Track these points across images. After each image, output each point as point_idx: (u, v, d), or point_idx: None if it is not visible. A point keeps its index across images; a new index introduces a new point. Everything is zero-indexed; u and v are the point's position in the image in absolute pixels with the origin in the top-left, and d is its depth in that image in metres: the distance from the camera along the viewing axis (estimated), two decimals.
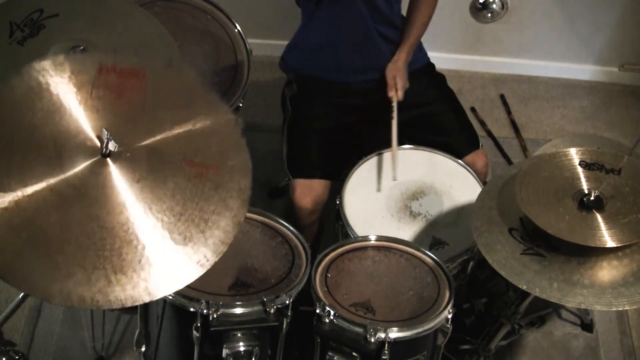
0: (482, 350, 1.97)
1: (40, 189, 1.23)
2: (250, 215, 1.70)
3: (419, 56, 2.12)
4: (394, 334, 1.48)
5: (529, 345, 2.26)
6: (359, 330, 1.49)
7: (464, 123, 2.13)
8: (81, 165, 1.27)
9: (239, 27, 2.02)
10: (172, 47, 1.74)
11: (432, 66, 2.19)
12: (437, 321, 1.53)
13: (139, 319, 1.62)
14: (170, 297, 1.48)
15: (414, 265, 1.67)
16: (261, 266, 1.61)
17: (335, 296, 1.58)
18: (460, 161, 2.00)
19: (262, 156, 2.62)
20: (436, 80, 2.17)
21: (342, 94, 2.08)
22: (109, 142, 1.28)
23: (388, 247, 1.70)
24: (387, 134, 1.95)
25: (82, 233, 1.22)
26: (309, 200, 1.98)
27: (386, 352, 1.47)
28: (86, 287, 1.19)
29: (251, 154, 1.25)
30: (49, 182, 1.24)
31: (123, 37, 1.69)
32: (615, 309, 1.46)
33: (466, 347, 2.03)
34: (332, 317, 1.51)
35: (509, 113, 2.95)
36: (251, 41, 2.02)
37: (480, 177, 1.98)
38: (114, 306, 1.20)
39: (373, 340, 1.47)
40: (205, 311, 1.45)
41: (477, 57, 3.06)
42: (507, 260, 1.49)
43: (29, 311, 2.24)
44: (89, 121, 1.32)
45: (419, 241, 1.82)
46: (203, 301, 1.46)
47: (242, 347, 1.50)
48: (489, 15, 2.87)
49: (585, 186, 1.53)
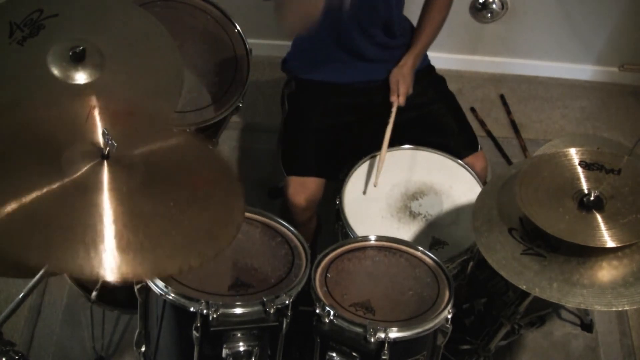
0: (481, 351, 1.97)
1: (39, 187, 1.23)
2: (250, 215, 1.70)
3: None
4: (394, 334, 1.48)
5: (528, 345, 2.26)
6: (359, 330, 1.49)
7: (463, 125, 2.13)
8: (80, 166, 1.28)
9: (238, 27, 2.02)
10: (171, 47, 1.74)
11: (432, 68, 2.20)
12: (436, 321, 1.53)
13: (138, 318, 1.62)
14: (170, 297, 1.48)
15: (413, 265, 1.67)
16: (261, 266, 1.61)
17: (335, 296, 1.58)
18: (460, 161, 2.00)
19: (261, 156, 2.62)
20: (436, 82, 2.17)
21: (341, 94, 2.08)
22: (108, 143, 1.28)
23: (388, 247, 1.70)
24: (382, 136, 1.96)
25: (83, 216, 1.23)
26: (303, 197, 1.98)
27: (386, 352, 1.47)
28: (86, 259, 1.18)
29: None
30: (47, 181, 1.24)
31: (122, 37, 1.69)
32: (615, 309, 1.46)
33: (466, 347, 2.03)
34: (331, 317, 1.51)
35: (508, 113, 2.95)
36: (251, 41, 2.02)
37: (480, 179, 1.98)
38: (113, 278, 1.19)
39: (373, 340, 1.47)
40: (205, 311, 1.45)
41: (476, 57, 3.06)
42: (507, 260, 1.49)
43: (29, 311, 2.24)
44: (89, 129, 1.34)
45: (418, 241, 1.82)
46: (203, 301, 1.46)
47: (242, 347, 1.49)
48: (489, 15, 2.87)
49: (585, 186, 1.53)
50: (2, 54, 1.59)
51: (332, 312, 1.50)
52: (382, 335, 1.47)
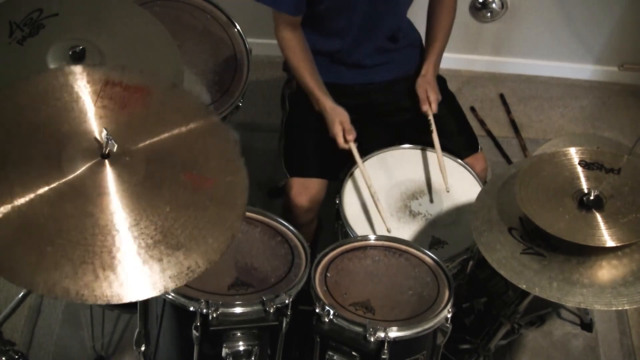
0: (481, 350, 1.97)
1: (38, 186, 1.23)
2: (250, 214, 1.70)
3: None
4: (394, 333, 1.48)
5: (528, 344, 2.26)
6: (359, 329, 1.49)
7: (463, 126, 2.13)
8: (80, 165, 1.27)
9: (238, 27, 2.02)
10: (171, 47, 1.74)
11: None
12: (436, 321, 1.53)
13: (138, 318, 1.62)
14: (170, 297, 1.48)
15: (413, 264, 1.67)
16: (261, 265, 1.61)
17: (335, 296, 1.58)
18: (460, 161, 2.00)
19: (261, 156, 2.62)
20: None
21: (342, 94, 2.08)
22: (108, 143, 1.28)
23: (388, 247, 1.70)
24: (385, 135, 1.95)
25: (74, 227, 1.21)
26: (305, 199, 1.98)
27: (386, 351, 1.47)
28: (72, 280, 1.17)
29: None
30: (46, 180, 1.24)
31: (122, 37, 1.69)
32: (615, 309, 1.46)
33: (466, 346, 2.03)
34: (331, 317, 1.51)
35: (508, 113, 2.95)
36: (251, 41, 2.02)
37: (479, 180, 1.98)
38: (99, 302, 1.18)
39: (373, 339, 1.47)
40: (204, 310, 1.45)
41: (476, 57, 3.06)
42: (507, 260, 1.49)
43: (29, 311, 2.24)
44: (91, 124, 1.33)
45: (418, 241, 1.82)
46: (203, 300, 1.46)
47: (241, 346, 1.50)
48: (489, 14, 2.87)
49: (585, 186, 1.53)
50: (1, 53, 1.59)
51: (331, 312, 1.50)
52: (382, 334, 1.47)
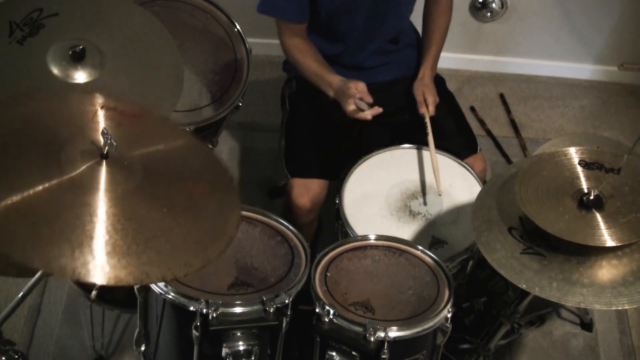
0: (481, 350, 1.97)
1: (37, 184, 1.23)
2: (250, 214, 1.70)
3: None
4: (394, 333, 1.48)
5: (528, 344, 2.26)
6: (359, 329, 1.49)
7: (462, 126, 2.13)
8: (79, 165, 1.28)
9: (238, 27, 2.02)
10: (171, 47, 1.75)
11: None
12: (436, 320, 1.54)
13: (138, 318, 1.62)
14: (170, 296, 1.48)
15: (413, 264, 1.67)
16: (261, 265, 1.61)
17: (335, 295, 1.58)
18: (459, 160, 2.00)
19: (261, 156, 2.62)
20: (435, 83, 2.17)
21: None
22: (108, 143, 1.28)
23: (388, 247, 1.70)
24: (385, 135, 1.95)
25: (72, 215, 1.21)
26: (307, 199, 1.98)
27: (386, 351, 1.47)
28: (70, 259, 1.17)
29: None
30: (47, 178, 1.24)
31: (122, 37, 1.69)
32: (615, 308, 1.46)
33: (466, 346, 2.03)
34: (331, 317, 1.51)
35: (508, 112, 2.95)
36: (251, 41, 2.02)
37: (479, 181, 1.98)
38: (97, 280, 1.18)
39: (372, 339, 1.47)
40: (204, 310, 1.45)
41: (476, 56, 3.06)
42: (507, 260, 1.49)
43: (29, 310, 2.23)
44: (90, 129, 1.34)
45: (418, 240, 1.82)
46: (203, 300, 1.46)
47: (241, 346, 1.50)
48: (489, 14, 2.87)
49: (585, 185, 1.53)
50: (1, 53, 1.59)
51: (331, 311, 1.50)
52: (382, 334, 1.47)
